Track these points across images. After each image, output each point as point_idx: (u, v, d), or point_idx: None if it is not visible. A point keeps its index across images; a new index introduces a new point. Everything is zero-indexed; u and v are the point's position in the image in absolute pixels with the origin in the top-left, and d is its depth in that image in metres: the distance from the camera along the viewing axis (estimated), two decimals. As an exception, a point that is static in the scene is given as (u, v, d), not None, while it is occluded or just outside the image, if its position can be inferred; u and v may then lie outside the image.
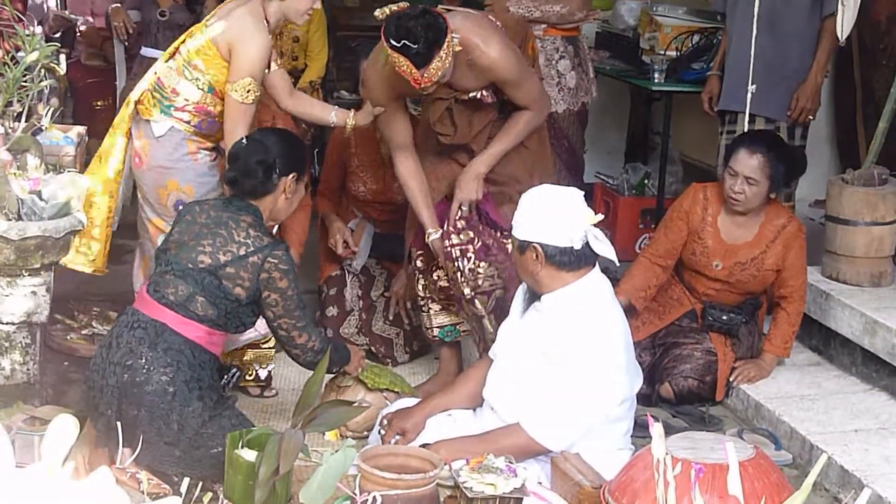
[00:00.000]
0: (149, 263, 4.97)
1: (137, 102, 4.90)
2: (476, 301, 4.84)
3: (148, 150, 4.87)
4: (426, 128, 5.01)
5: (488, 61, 4.67)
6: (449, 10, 4.70)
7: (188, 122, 4.82)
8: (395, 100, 4.88)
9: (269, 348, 5.09)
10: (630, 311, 5.08)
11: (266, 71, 4.84)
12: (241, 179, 4.33)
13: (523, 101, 4.84)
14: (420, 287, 5.08)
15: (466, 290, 4.82)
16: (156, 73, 4.88)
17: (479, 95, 4.79)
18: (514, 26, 5.37)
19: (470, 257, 4.82)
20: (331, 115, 5.11)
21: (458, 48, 4.54)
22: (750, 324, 5.35)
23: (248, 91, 4.71)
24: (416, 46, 4.38)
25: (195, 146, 4.86)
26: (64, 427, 2.81)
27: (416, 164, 4.96)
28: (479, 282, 4.83)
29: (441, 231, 4.88)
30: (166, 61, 4.88)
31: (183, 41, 4.87)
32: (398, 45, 4.39)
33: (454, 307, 5.06)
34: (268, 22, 4.76)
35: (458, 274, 4.82)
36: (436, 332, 5.16)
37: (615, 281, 4.86)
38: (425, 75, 4.44)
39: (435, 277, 5.02)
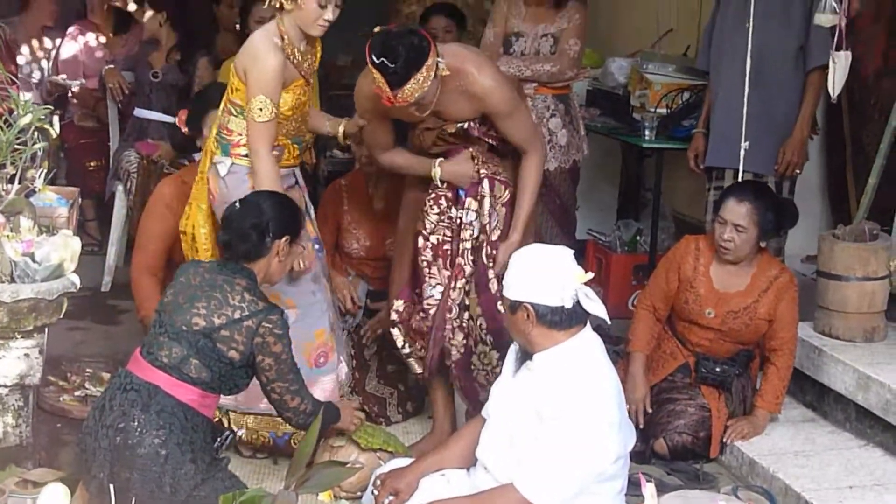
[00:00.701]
0: None
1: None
2: (484, 185, 4.90)
3: (217, 188, 4.93)
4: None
5: (481, 89, 4.74)
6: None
7: (245, 156, 4.85)
8: (380, 115, 4.94)
9: None
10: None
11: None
12: (234, 243, 4.34)
13: (516, 136, 4.90)
14: (401, 339, 5.09)
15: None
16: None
17: (466, 126, 4.84)
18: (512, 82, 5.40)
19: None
20: (325, 124, 5.26)
21: (445, 73, 4.59)
22: (743, 377, 5.35)
23: (261, 109, 4.71)
24: (393, 66, 4.45)
25: None
26: (56, 492, 2.81)
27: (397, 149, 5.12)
28: (490, 166, 4.93)
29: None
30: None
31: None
32: (377, 61, 4.47)
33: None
34: (283, 39, 4.78)
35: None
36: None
37: (608, 338, 4.87)
38: (398, 96, 4.51)
39: (416, 321, 5.04)
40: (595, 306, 4.03)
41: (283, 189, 4.82)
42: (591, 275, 4.07)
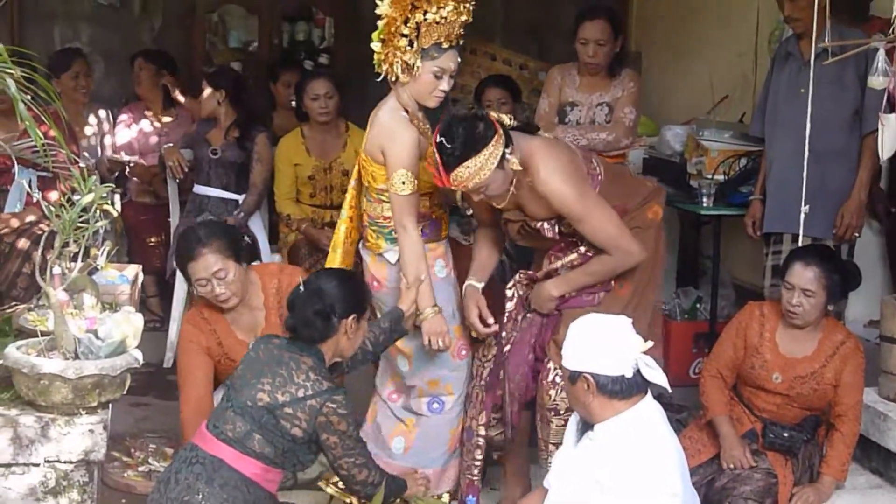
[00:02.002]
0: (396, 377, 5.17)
1: (364, 239, 5.05)
2: (581, 250, 4.83)
3: (386, 274, 4.99)
4: None
5: (544, 189, 4.65)
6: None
7: None
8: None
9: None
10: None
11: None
12: (300, 328, 4.35)
13: (592, 239, 4.76)
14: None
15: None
16: (364, 210, 5.04)
17: (539, 226, 4.79)
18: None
19: None
20: None
21: (516, 167, 4.55)
22: (810, 443, 5.29)
23: (404, 182, 4.75)
24: (449, 147, 4.44)
25: (431, 257, 4.93)
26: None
27: (494, 236, 5.10)
28: None
29: (479, 285, 5.00)
30: (356, 193, 5.05)
31: (357, 178, 5.05)
32: (437, 140, 4.48)
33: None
34: (407, 111, 4.84)
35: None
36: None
37: (670, 407, 4.83)
38: (452, 179, 4.49)
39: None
40: (655, 375, 4.02)
41: (448, 264, 5.01)
42: (650, 343, 4.07)
